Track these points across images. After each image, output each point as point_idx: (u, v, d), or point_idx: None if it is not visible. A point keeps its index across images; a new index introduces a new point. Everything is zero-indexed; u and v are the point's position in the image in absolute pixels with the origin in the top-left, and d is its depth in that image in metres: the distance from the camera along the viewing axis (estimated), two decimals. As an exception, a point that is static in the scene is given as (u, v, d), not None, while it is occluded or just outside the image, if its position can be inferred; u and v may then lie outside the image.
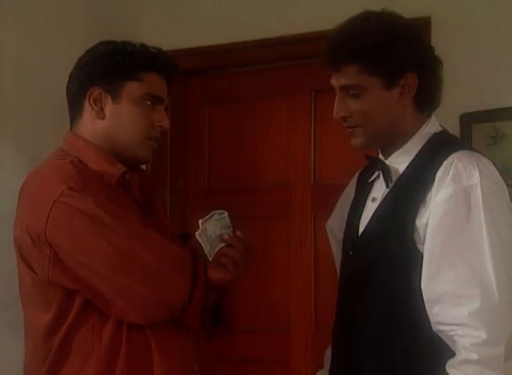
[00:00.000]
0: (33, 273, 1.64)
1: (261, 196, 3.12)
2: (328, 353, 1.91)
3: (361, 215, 1.80)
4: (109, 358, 1.60)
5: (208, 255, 1.64)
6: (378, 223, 1.74)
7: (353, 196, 1.91)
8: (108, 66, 1.72)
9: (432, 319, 1.62)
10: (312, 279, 3.00)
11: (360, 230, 1.78)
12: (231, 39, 3.05)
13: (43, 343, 1.64)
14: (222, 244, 1.64)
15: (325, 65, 1.75)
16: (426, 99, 1.75)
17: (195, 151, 3.26)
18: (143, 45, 1.75)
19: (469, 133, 2.65)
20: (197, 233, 1.63)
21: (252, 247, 1.66)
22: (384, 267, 1.70)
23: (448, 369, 1.59)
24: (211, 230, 1.64)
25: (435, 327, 1.62)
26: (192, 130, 3.27)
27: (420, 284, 1.63)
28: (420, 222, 1.65)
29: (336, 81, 1.74)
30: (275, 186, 3.11)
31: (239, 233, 1.65)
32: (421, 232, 1.65)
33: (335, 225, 1.96)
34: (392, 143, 1.77)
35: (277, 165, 3.12)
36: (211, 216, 1.65)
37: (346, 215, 1.89)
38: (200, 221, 1.64)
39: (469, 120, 2.66)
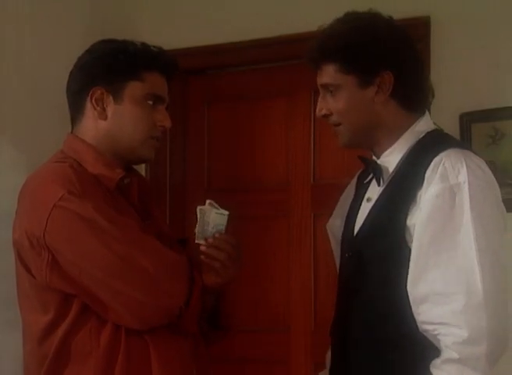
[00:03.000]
0: (32, 276, 1.63)
1: (260, 196, 3.11)
2: (329, 354, 1.91)
3: (357, 215, 1.81)
4: (107, 363, 1.60)
5: (196, 232, 1.66)
6: (371, 223, 1.74)
7: (352, 196, 1.91)
8: (110, 66, 1.71)
9: (418, 318, 1.62)
10: (312, 279, 3.00)
11: (356, 230, 1.78)
12: (230, 39, 3.04)
13: (38, 346, 1.64)
14: (210, 236, 1.66)
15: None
16: (407, 97, 1.75)
17: (195, 150, 3.26)
18: (144, 44, 1.75)
19: (469, 133, 2.65)
20: (199, 207, 1.66)
21: (238, 246, 1.67)
22: (378, 267, 1.70)
23: (432, 369, 1.59)
24: (210, 218, 1.65)
25: (421, 327, 1.62)
26: (192, 130, 3.27)
27: None
28: (411, 221, 1.64)
29: (318, 79, 1.78)
30: (274, 186, 3.11)
31: (219, 235, 1.66)
32: (412, 231, 1.64)
33: (335, 225, 1.96)
34: (378, 142, 1.77)
35: (277, 164, 3.11)
36: (217, 208, 1.67)
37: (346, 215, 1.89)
38: (208, 201, 1.66)
39: (468, 120, 2.66)
